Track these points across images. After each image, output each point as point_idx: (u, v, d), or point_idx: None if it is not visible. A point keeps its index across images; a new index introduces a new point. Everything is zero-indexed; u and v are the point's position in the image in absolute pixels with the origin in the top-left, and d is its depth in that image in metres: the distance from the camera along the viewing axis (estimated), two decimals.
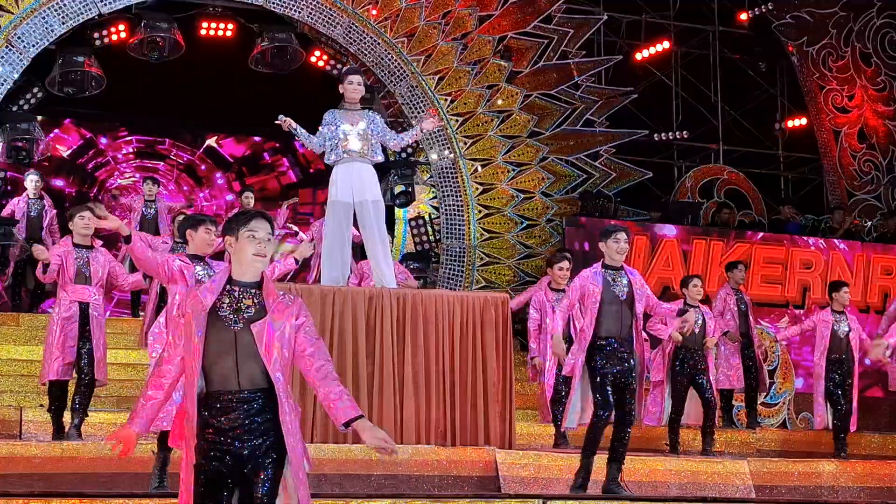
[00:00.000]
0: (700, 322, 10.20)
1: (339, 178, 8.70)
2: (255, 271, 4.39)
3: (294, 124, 8.75)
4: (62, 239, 8.89)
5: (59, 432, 8.54)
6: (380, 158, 8.91)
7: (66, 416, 8.68)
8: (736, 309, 11.52)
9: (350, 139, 8.67)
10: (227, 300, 4.35)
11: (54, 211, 13.34)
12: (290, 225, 13.52)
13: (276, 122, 8.76)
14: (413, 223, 15.54)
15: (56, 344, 8.48)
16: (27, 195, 13.19)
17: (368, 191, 8.70)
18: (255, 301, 4.35)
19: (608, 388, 7.55)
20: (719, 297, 11.63)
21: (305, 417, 8.10)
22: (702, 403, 10.12)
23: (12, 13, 13.32)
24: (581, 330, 7.79)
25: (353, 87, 8.79)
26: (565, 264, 10.12)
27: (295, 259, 8.16)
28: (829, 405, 10.58)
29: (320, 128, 8.78)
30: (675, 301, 10.27)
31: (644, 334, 7.94)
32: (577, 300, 7.81)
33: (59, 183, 16.81)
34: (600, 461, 7.69)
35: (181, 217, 10.11)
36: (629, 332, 7.66)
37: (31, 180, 13.23)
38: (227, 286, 4.38)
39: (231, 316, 4.32)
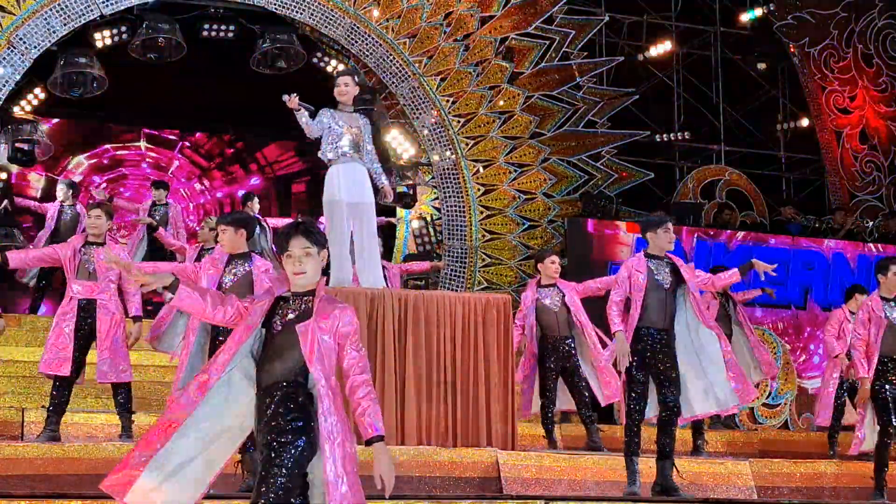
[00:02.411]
0: None
1: (336, 178, 8.77)
2: (300, 287, 4.60)
3: (298, 105, 8.78)
4: (75, 236, 8.94)
5: (52, 431, 8.49)
6: (371, 163, 8.93)
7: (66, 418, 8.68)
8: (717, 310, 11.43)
9: (346, 139, 8.73)
10: (280, 311, 4.59)
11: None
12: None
13: (283, 99, 8.81)
14: (415, 224, 15.55)
15: (49, 337, 8.51)
16: (60, 202, 13.26)
17: (363, 192, 8.75)
18: (302, 307, 4.56)
19: (643, 382, 7.61)
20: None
21: None
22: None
23: (14, 14, 13.32)
24: (630, 319, 7.73)
25: (341, 88, 8.89)
26: (556, 258, 10.07)
27: None
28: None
29: (321, 124, 8.88)
30: None
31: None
32: (626, 291, 7.73)
33: None
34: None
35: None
36: (671, 322, 7.65)
37: (60, 189, 13.35)
38: (287, 295, 4.62)
39: (278, 322, 4.56)
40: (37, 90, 14.34)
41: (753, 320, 12.51)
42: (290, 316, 4.53)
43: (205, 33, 14.83)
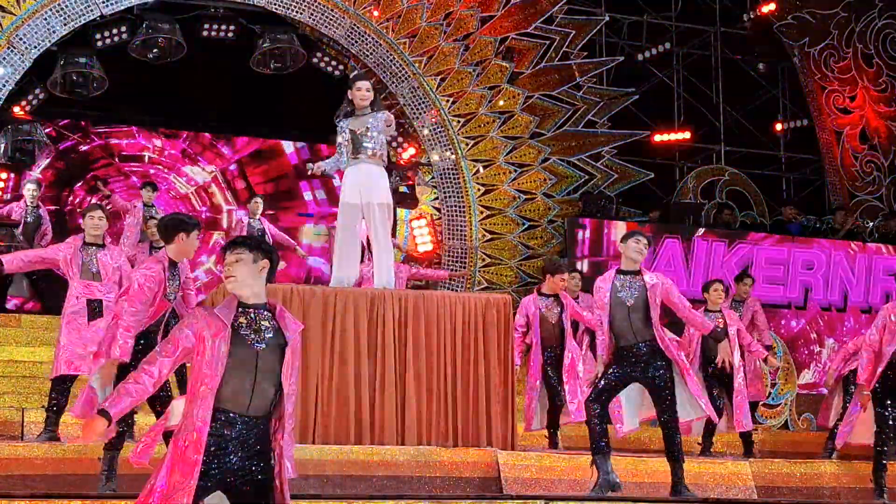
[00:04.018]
0: (721, 328, 10.15)
1: (348, 180, 8.79)
2: (242, 295, 4.54)
3: (321, 166, 8.89)
4: (73, 237, 8.90)
5: (51, 431, 8.49)
6: (385, 158, 8.95)
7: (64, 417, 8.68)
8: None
9: (359, 143, 8.72)
10: (243, 320, 4.50)
11: (49, 222, 13.33)
12: None
13: (309, 171, 8.90)
14: (415, 224, 15.55)
15: (61, 339, 8.49)
16: (25, 202, 13.20)
17: (376, 193, 8.73)
18: (271, 323, 4.53)
19: (604, 396, 7.60)
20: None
21: (306, 418, 8.10)
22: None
23: (14, 14, 13.33)
24: (601, 336, 7.78)
25: (362, 93, 8.81)
26: (566, 276, 10.05)
27: None
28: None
29: (338, 139, 8.89)
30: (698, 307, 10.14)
31: (667, 338, 7.74)
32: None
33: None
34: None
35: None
36: (644, 336, 7.58)
37: (29, 189, 13.24)
38: (240, 308, 4.53)
39: (252, 336, 4.49)
40: (37, 90, 14.33)
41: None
42: (270, 335, 4.51)
43: (205, 33, 14.84)
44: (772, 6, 17.13)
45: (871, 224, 17.13)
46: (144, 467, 4.67)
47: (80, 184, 16.59)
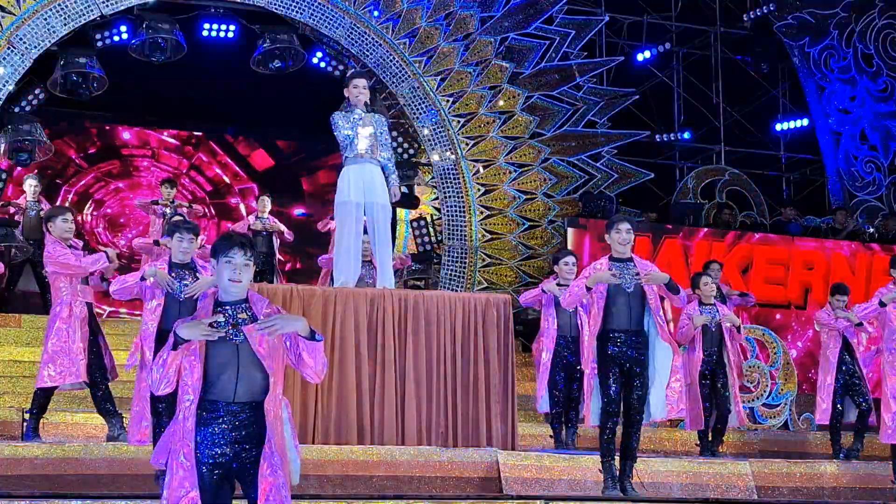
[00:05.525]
0: (716, 321, 10.14)
1: (349, 179, 8.75)
2: (234, 294, 4.73)
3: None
4: (54, 243, 8.71)
5: (34, 435, 8.46)
6: (386, 160, 8.91)
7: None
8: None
9: (361, 140, 8.70)
10: (221, 317, 4.66)
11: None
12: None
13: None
14: (415, 224, 15.55)
15: (73, 345, 8.29)
16: (25, 198, 13.20)
17: (378, 193, 8.74)
18: (248, 314, 4.70)
19: (615, 385, 7.55)
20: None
21: (306, 418, 8.10)
22: (717, 406, 10.13)
23: (14, 14, 13.34)
24: (589, 324, 7.73)
25: (359, 90, 8.81)
26: (571, 259, 10.00)
27: None
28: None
29: (336, 130, 8.79)
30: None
31: (667, 326, 7.75)
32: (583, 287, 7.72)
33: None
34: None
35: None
36: (640, 324, 7.58)
37: (30, 184, 13.23)
38: (217, 306, 4.71)
39: (231, 330, 4.65)
40: (37, 90, 14.33)
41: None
42: (246, 324, 4.65)
43: (205, 33, 14.86)
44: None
45: (870, 228, 17.12)
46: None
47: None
